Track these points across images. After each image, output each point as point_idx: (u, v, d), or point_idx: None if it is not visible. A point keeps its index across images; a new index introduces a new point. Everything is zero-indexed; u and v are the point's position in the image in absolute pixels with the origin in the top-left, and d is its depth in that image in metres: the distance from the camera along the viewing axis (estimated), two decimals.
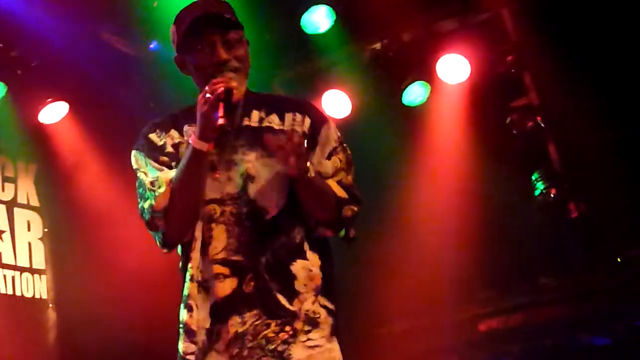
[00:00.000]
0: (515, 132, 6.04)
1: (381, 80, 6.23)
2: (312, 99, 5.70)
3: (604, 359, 5.75)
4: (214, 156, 2.86)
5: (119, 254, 5.75)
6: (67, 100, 5.68)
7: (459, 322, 6.22)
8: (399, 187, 6.19)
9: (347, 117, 6.16)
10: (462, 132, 6.10)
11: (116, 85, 6.15)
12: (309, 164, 2.82)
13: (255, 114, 2.98)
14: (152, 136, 2.97)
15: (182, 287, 2.90)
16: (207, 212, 2.85)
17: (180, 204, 2.81)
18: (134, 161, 2.98)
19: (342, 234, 2.99)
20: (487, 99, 6.08)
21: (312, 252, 2.90)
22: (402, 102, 6.13)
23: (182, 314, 2.88)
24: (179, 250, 2.95)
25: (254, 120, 2.97)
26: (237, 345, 2.78)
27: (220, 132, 2.78)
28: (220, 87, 2.75)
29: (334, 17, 5.99)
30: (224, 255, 2.82)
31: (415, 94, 6.12)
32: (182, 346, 2.86)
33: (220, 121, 2.72)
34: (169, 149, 2.94)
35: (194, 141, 2.79)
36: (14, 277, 5.44)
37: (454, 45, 5.99)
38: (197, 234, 2.85)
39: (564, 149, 5.97)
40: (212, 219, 2.85)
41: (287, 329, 2.80)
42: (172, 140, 2.95)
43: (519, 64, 6.00)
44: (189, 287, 2.86)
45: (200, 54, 2.91)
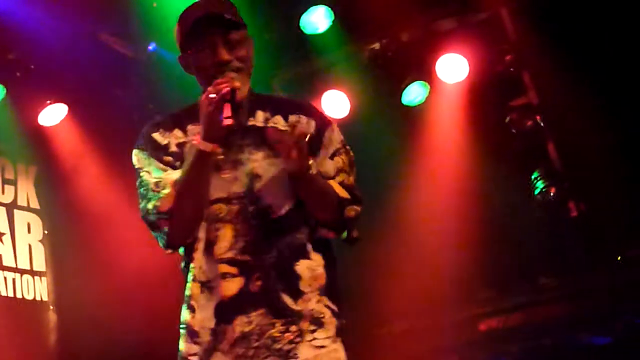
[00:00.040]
0: (514, 131, 6.04)
1: (380, 80, 6.23)
2: (311, 99, 5.70)
3: (603, 358, 5.73)
4: (220, 156, 2.84)
5: (119, 255, 5.75)
6: (66, 102, 5.68)
7: (459, 322, 6.21)
8: (399, 187, 6.18)
9: (346, 117, 6.14)
10: (461, 131, 6.09)
11: (115, 86, 6.17)
12: (310, 162, 2.82)
13: (260, 114, 2.98)
14: (155, 135, 2.95)
15: (184, 288, 2.89)
16: (213, 212, 2.83)
17: (185, 205, 2.79)
18: (135, 160, 2.95)
19: (344, 235, 2.98)
20: (487, 98, 6.08)
21: (315, 253, 2.90)
22: (401, 101, 6.13)
23: (184, 315, 2.86)
24: (181, 250, 2.93)
25: (259, 120, 2.96)
26: (243, 345, 2.77)
27: (226, 132, 2.76)
28: (225, 88, 2.73)
29: (333, 17, 6.00)
30: (231, 254, 2.80)
31: (414, 94, 6.12)
32: (184, 347, 2.85)
33: (227, 121, 2.70)
34: (173, 148, 2.92)
35: (199, 142, 2.77)
36: (14, 279, 5.43)
37: (452, 44, 5.99)
38: (201, 234, 2.84)
39: (563, 148, 5.97)
40: (218, 218, 2.83)
41: (293, 328, 2.79)
42: (176, 139, 2.93)
43: (518, 63, 6.00)
44: (191, 288, 2.85)
45: (201, 54, 2.90)
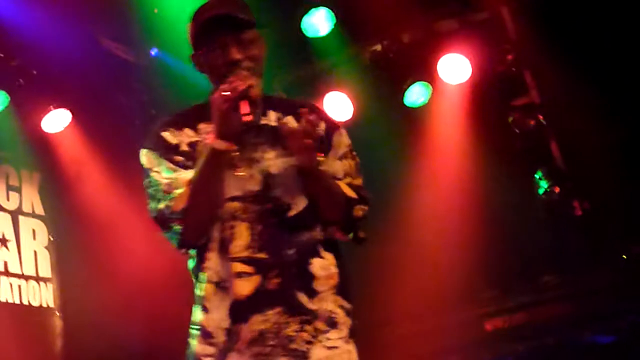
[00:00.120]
0: (517, 131, 6.04)
1: (382, 81, 6.23)
2: (314, 101, 5.68)
3: (608, 356, 5.73)
4: (235, 154, 2.82)
5: (124, 261, 5.75)
6: (69, 108, 5.68)
7: (464, 321, 6.20)
8: (402, 188, 6.17)
9: (348, 120, 6.15)
10: (464, 131, 6.09)
11: (117, 92, 6.16)
12: (320, 159, 2.83)
13: (272, 114, 2.98)
14: (166, 134, 2.91)
15: (195, 288, 2.87)
16: (229, 210, 2.81)
17: (200, 203, 2.76)
18: (145, 160, 2.92)
19: (351, 235, 2.99)
20: (489, 98, 6.08)
21: (327, 252, 2.89)
22: (403, 103, 6.14)
23: (197, 315, 2.83)
24: (193, 251, 2.89)
25: (272, 119, 2.96)
26: (259, 343, 2.74)
27: (241, 130, 2.76)
28: (241, 85, 2.73)
29: (334, 20, 6.00)
30: (248, 253, 2.78)
31: (416, 95, 6.13)
32: (198, 348, 2.81)
33: (247, 117, 2.70)
34: (185, 148, 2.89)
35: (213, 140, 2.76)
36: (20, 286, 5.44)
37: (454, 45, 6.00)
38: (215, 233, 2.82)
39: (566, 147, 5.97)
40: (234, 216, 2.81)
41: (309, 328, 2.78)
42: (187, 138, 2.91)
43: (520, 62, 6.01)
44: (204, 288, 2.82)
45: (213, 54, 2.90)
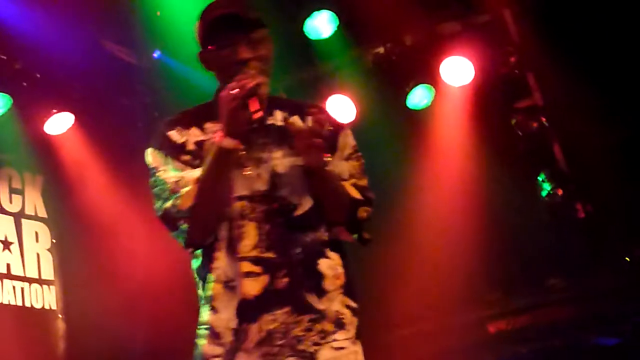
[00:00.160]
0: (520, 133, 6.04)
1: (385, 84, 6.23)
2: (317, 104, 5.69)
3: (612, 358, 5.73)
4: (242, 153, 2.81)
5: (126, 264, 5.76)
6: (72, 110, 5.67)
7: (467, 323, 6.20)
8: (405, 190, 6.17)
9: (351, 122, 6.14)
10: (467, 134, 6.09)
11: (120, 94, 6.18)
12: (327, 159, 2.83)
13: (278, 113, 2.98)
14: (172, 133, 2.92)
15: (201, 288, 2.87)
16: (236, 209, 2.81)
17: (208, 202, 2.76)
18: (151, 159, 2.92)
19: (355, 236, 3.00)
20: (491, 100, 6.08)
21: (333, 252, 2.90)
22: (406, 105, 6.13)
23: (205, 315, 2.83)
24: (199, 251, 2.88)
25: (278, 119, 2.97)
26: (267, 343, 2.74)
27: (249, 128, 2.76)
28: (249, 83, 2.72)
29: (337, 22, 6.00)
30: (256, 252, 2.78)
31: (419, 98, 6.13)
32: (206, 348, 2.80)
33: (258, 114, 2.71)
34: (191, 147, 2.89)
35: (221, 138, 2.75)
36: (23, 289, 5.43)
37: (457, 47, 6.00)
38: (223, 232, 2.81)
39: (569, 149, 5.97)
40: (242, 215, 2.81)
41: (317, 328, 2.78)
42: (194, 137, 2.91)
43: (523, 64, 6.00)
44: (213, 288, 2.81)
45: (222, 52, 2.90)
